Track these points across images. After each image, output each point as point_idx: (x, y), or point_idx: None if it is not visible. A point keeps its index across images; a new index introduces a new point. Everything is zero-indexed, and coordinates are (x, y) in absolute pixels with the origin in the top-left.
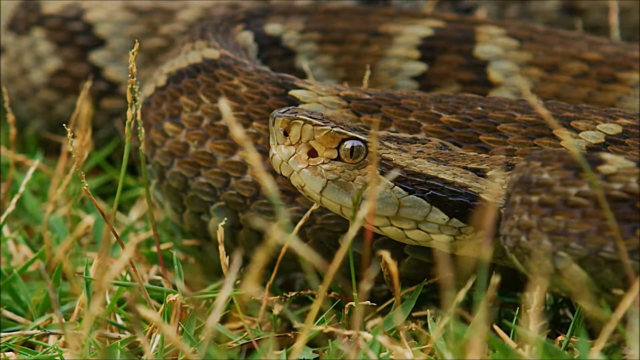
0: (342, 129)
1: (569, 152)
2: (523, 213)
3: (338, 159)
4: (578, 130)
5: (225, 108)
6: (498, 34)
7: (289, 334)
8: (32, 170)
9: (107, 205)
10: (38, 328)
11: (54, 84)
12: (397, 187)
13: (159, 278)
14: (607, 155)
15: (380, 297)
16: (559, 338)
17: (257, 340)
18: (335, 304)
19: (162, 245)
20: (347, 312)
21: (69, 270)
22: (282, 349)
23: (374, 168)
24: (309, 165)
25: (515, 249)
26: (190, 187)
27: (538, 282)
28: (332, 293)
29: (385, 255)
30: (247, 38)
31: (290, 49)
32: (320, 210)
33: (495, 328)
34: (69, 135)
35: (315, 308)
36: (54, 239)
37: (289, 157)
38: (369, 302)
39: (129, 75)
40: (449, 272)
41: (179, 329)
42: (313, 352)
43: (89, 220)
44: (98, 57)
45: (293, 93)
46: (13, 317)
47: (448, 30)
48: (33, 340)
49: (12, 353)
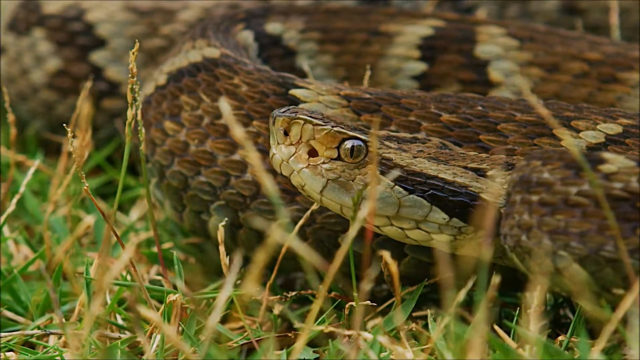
0: (342, 129)
1: (570, 151)
2: (523, 212)
3: (338, 159)
4: (578, 130)
5: (226, 108)
6: (498, 34)
7: (290, 334)
8: (32, 170)
9: (107, 205)
10: (38, 328)
11: (54, 84)
12: (397, 186)
13: (159, 278)
14: (607, 155)
15: (381, 297)
16: (560, 338)
17: (257, 340)
18: (336, 304)
19: (162, 245)
20: (347, 312)
21: (70, 270)
22: (282, 349)
23: (374, 168)
24: (309, 165)
25: (516, 248)
26: (190, 186)
27: (538, 281)
28: (332, 293)
29: (386, 255)
30: (247, 37)
31: (291, 49)
32: (320, 210)
33: (496, 328)
34: (69, 135)
35: (316, 308)
36: (55, 239)
37: (289, 156)
38: (370, 302)
39: (130, 75)
40: (450, 272)
41: (179, 329)
42: (313, 352)
43: (90, 220)
44: (98, 57)
45: (293, 92)
46: (13, 317)
47: (448, 30)
48: (33, 340)
49: (12, 353)
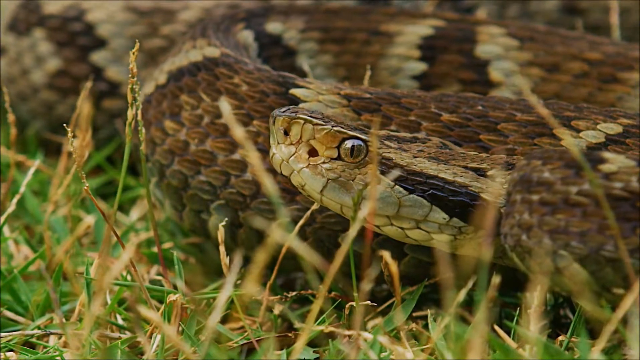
0: (342, 128)
1: (570, 150)
2: (524, 212)
3: (338, 158)
4: (578, 130)
5: (226, 107)
6: (499, 34)
7: (290, 334)
8: (32, 171)
9: (107, 205)
10: (39, 328)
11: (55, 85)
12: (397, 186)
13: (160, 278)
14: (608, 154)
15: (381, 297)
16: (560, 338)
17: (257, 340)
18: (336, 304)
19: (162, 245)
20: (347, 312)
21: (70, 270)
22: (282, 349)
23: (375, 167)
24: (310, 165)
25: (516, 248)
26: (190, 185)
27: (539, 281)
28: (332, 293)
29: (386, 256)
30: (247, 37)
31: (291, 48)
32: (320, 209)
33: (496, 328)
34: (70, 136)
35: (316, 308)
36: (55, 239)
37: (290, 156)
38: (370, 302)
39: (130, 75)
40: (450, 272)
41: (180, 329)
42: (313, 352)
43: (90, 220)
44: (99, 57)
45: (293, 91)
46: (13, 317)
47: (449, 30)
48: (33, 341)
49: (12, 353)
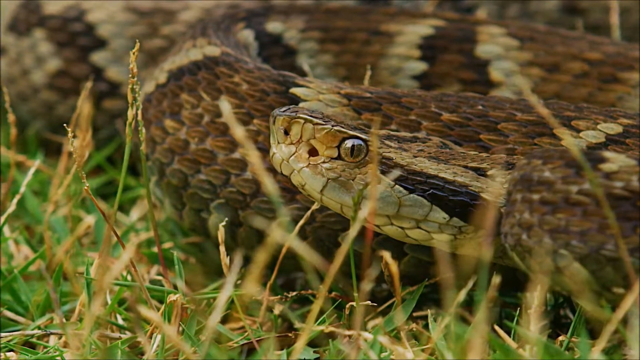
0: (342, 128)
1: (570, 150)
2: (524, 211)
3: (339, 158)
4: (578, 130)
5: (226, 107)
6: (499, 34)
7: (290, 334)
8: (32, 171)
9: (107, 206)
10: (39, 328)
11: (55, 85)
12: (397, 186)
13: (160, 278)
14: (608, 154)
15: (381, 297)
16: (560, 338)
17: (257, 341)
18: (336, 304)
19: (162, 245)
20: (347, 312)
21: (70, 270)
22: (282, 349)
23: (375, 167)
24: (310, 164)
25: (516, 247)
26: (190, 184)
27: (539, 280)
28: (332, 293)
29: (386, 256)
30: (248, 36)
31: (291, 48)
32: (320, 208)
33: (496, 328)
34: (70, 136)
35: (316, 308)
36: (55, 239)
37: (290, 156)
38: (370, 302)
39: (130, 76)
40: (450, 272)
41: (180, 329)
42: (314, 352)
43: (90, 220)
44: (99, 58)
45: (294, 91)
46: (14, 317)
47: (449, 30)
48: (34, 341)
49: (12, 353)
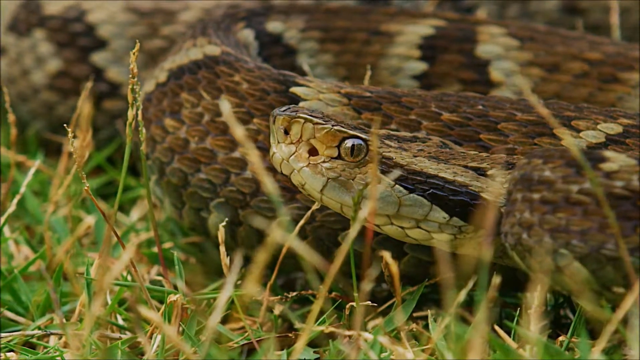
0: (342, 128)
1: (571, 149)
2: (524, 210)
3: (339, 158)
4: (578, 130)
5: (226, 107)
6: (499, 34)
7: (290, 334)
8: (33, 171)
9: (107, 206)
10: (39, 328)
11: (55, 85)
12: (397, 185)
13: (160, 278)
14: (609, 153)
15: (381, 297)
16: (560, 338)
17: (257, 341)
18: (336, 304)
19: (162, 246)
20: (348, 312)
21: (70, 271)
22: (282, 349)
23: (375, 167)
24: (310, 164)
25: (517, 247)
26: (190, 183)
27: (539, 280)
28: (332, 293)
29: (386, 256)
30: (248, 36)
31: (291, 47)
32: (320, 208)
33: (496, 328)
34: (70, 136)
35: (316, 308)
36: (55, 239)
37: (290, 155)
38: (370, 302)
39: (130, 76)
40: (450, 272)
41: (180, 329)
42: (314, 352)
43: (90, 221)
44: (99, 58)
45: (294, 90)
46: (14, 317)
47: (449, 30)
48: (34, 341)
49: (13, 353)
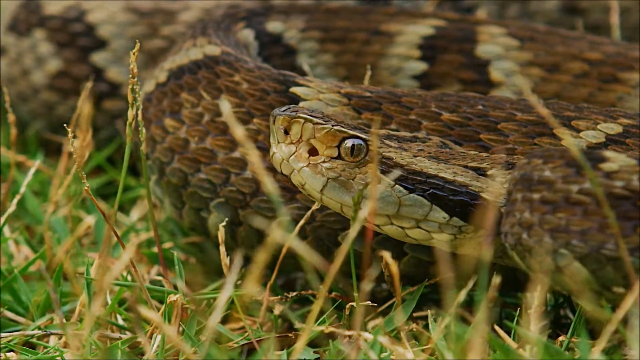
0: (342, 128)
1: (571, 149)
2: (524, 210)
3: (339, 158)
4: (578, 130)
5: (226, 107)
6: (499, 34)
7: (290, 334)
8: (33, 171)
9: (108, 206)
10: (39, 328)
11: (55, 85)
12: (397, 185)
13: (160, 278)
14: (608, 153)
15: (381, 297)
16: (560, 338)
17: (257, 341)
18: (336, 304)
19: (162, 246)
20: (348, 312)
21: (70, 271)
22: (282, 349)
23: (375, 167)
24: (310, 164)
25: (517, 247)
26: (190, 183)
27: (539, 280)
28: (333, 293)
29: (386, 256)
30: (248, 36)
31: (291, 47)
32: (320, 208)
33: (496, 328)
34: (70, 136)
35: (316, 308)
36: (55, 239)
37: (290, 155)
38: (370, 302)
39: (130, 76)
40: (450, 272)
41: (180, 329)
42: (314, 352)
43: (90, 221)
44: (99, 58)
45: (294, 90)
46: (14, 317)
47: (449, 30)
48: (34, 341)
49: (13, 353)
